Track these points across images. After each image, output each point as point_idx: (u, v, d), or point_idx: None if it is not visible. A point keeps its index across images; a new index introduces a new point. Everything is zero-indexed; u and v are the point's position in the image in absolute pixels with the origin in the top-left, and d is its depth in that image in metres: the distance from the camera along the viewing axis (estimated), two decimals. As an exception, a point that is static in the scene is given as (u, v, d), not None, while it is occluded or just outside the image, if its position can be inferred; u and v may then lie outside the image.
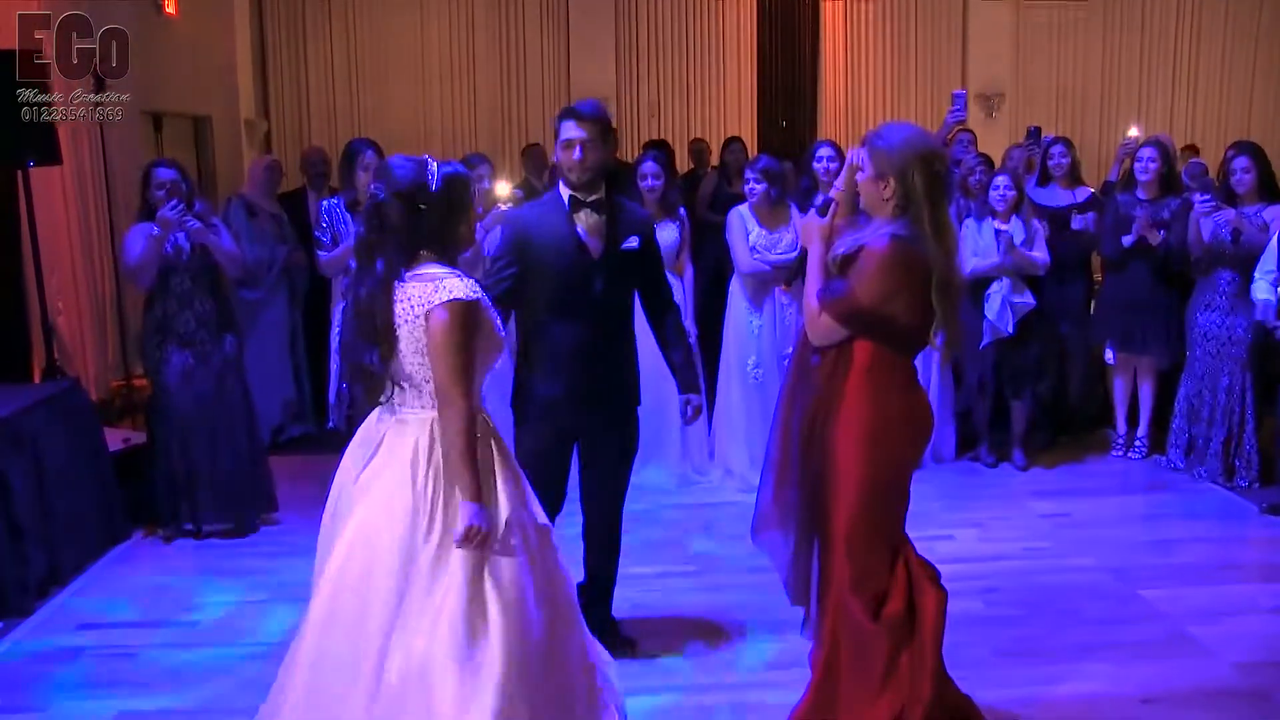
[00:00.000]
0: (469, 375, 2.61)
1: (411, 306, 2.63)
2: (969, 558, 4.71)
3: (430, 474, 2.65)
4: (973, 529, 5.08)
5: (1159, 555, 4.71)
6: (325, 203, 5.14)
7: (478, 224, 5.66)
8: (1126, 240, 5.77)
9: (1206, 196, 5.36)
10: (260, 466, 5.19)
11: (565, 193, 3.53)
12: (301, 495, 5.54)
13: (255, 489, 5.14)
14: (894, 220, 2.90)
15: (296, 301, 6.59)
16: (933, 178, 2.91)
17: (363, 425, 2.85)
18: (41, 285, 5.13)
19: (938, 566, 3.11)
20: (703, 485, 5.76)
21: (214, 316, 4.94)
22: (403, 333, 2.65)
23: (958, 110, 6.12)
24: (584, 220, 3.51)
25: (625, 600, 4.04)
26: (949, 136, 6.58)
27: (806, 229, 3.09)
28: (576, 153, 3.44)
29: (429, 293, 2.61)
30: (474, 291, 2.64)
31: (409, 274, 2.66)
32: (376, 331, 2.66)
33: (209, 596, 4.40)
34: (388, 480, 2.68)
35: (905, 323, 2.90)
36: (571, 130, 3.44)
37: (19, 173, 4.97)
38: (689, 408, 3.77)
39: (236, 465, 5.03)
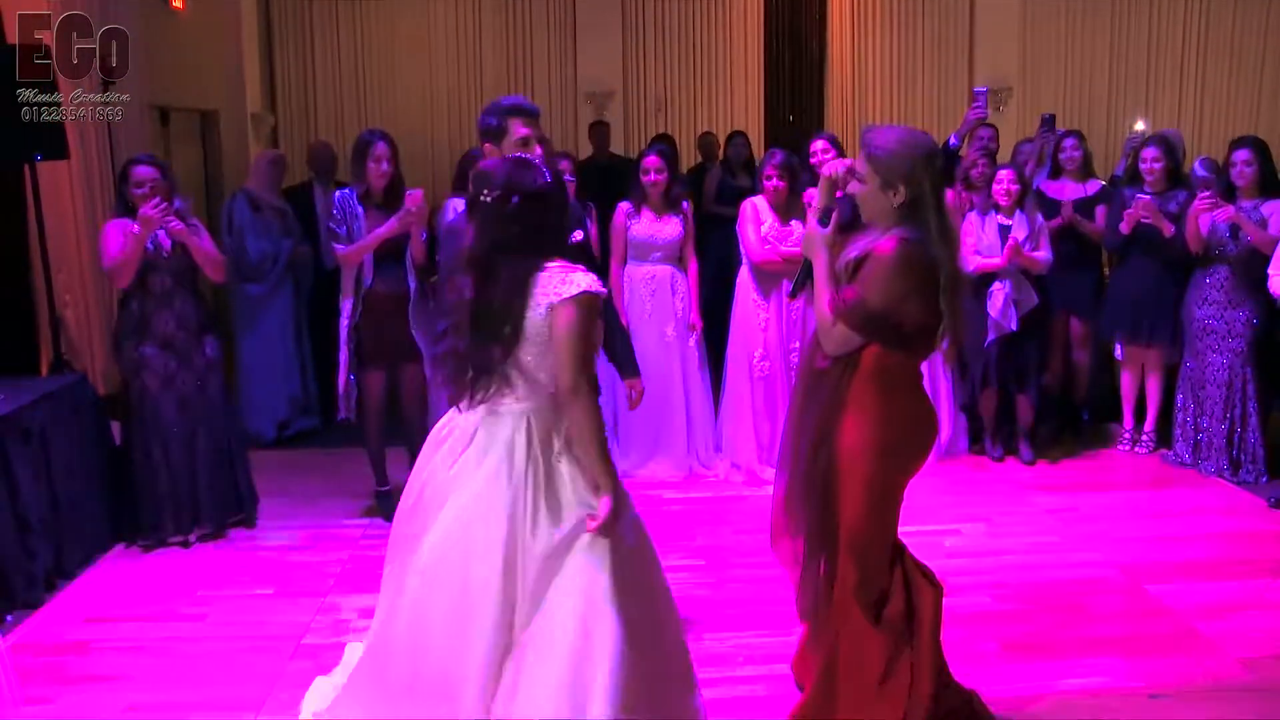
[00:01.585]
0: (592, 367, 2.71)
1: (537, 301, 2.67)
2: (976, 553, 4.72)
3: (530, 469, 2.69)
4: (979, 524, 5.08)
5: (1166, 550, 4.70)
6: (338, 194, 5.12)
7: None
8: (1123, 228, 5.76)
9: (1205, 193, 5.36)
10: (241, 470, 5.10)
11: None
12: (307, 490, 5.57)
13: (235, 494, 5.07)
14: (898, 224, 2.89)
15: (301, 296, 6.60)
16: (937, 176, 2.90)
17: (445, 418, 2.89)
18: (49, 279, 5.13)
19: (933, 564, 3.12)
20: (709, 478, 5.77)
21: (194, 317, 4.84)
22: (532, 326, 2.69)
23: (979, 107, 6.09)
24: None
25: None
26: (968, 134, 6.55)
27: (809, 240, 3.05)
28: (536, 151, 3.41)
29: (556, 285, 2.66)
30: (597, 285, 2.69)
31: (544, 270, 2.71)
32: (505, 331, 2.68)
33: (216, 590, 4.41)
34: (484, 474, 2.70)
35: (917, 324, 2.88)
36: (523, 128, 3.41)
37: (27, 167, 4.97)
38: (632, 393, 3.77)
39: (218, 469, 4.95)
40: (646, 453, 5.76)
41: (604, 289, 2.72)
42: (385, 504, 5.05)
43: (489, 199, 2.72)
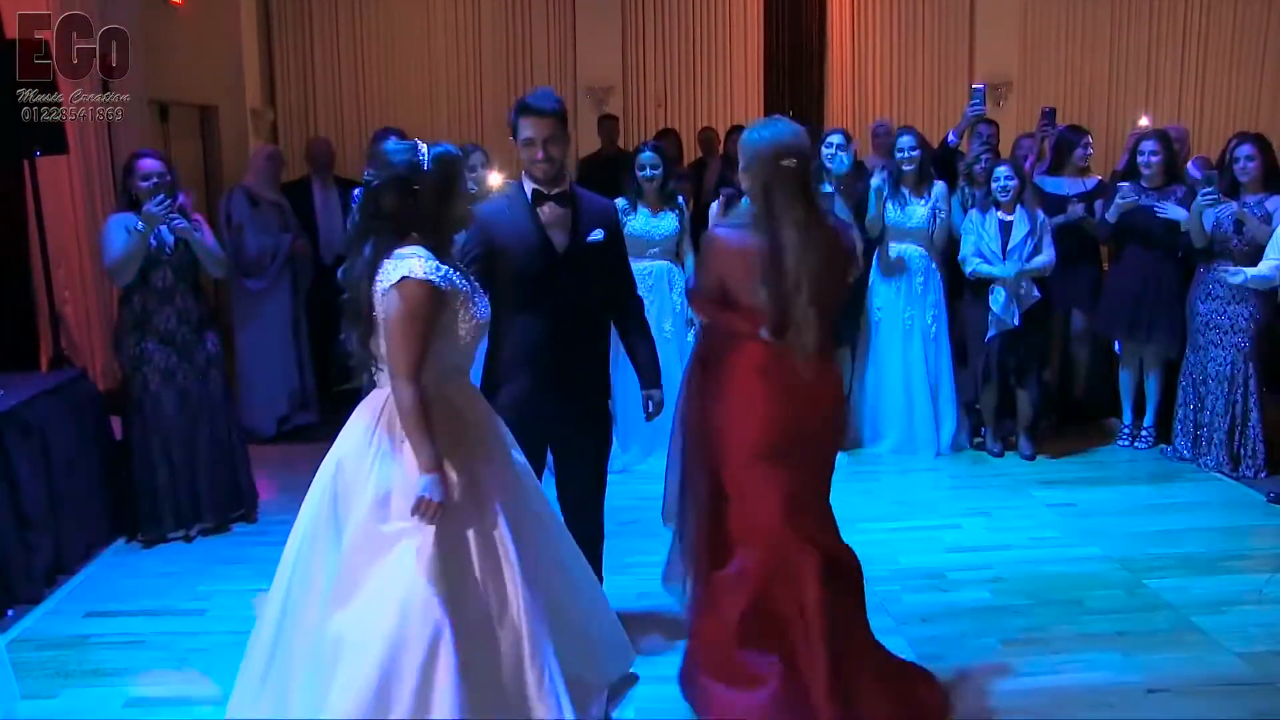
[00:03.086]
0: (415, 354, 2.67)
1: (379, 285, 2.71)
2: (975, 547, 4.72)
3: (375, 443, 2.79)
4: (979, 518, 5.08)
5: (1165, 545, 4.70)
6: (357, 191, 5.13)
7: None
8: (1109, 215, 5.78)
9: (1208, 190, 5.36)
10: (242, 465, 5.12)
11: (528, 186, 3.47)
12: (308, 485, 5.55)
13: (236, 488, 5.08)
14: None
15: (300, 291, 6.59)
16: (779, 173, 3.03)
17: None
18: (49, 275, 5.13)
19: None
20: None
21: (196, 313, 4.85)
22: (377, 311, 2.73)
23: (976, 104, 6.13)
24: (548, 214, 3.46)
25: (630, 590, 4.06)
26: (966, 131, 6.57)
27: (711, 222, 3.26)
28: (539, 152, 3.38)
29: (389, 270, 2.70)
30: (432, 273, 2.69)
31: (392, 254, 2.73)
32: (359, 314, 2.75)
33: (216, 584, 4.42)
34: (350, 445, 2.85)
35: (748, 304, 3.01)
36: (529, 129, 3.37)
37: (26, 162, 4.96)
38: (650, 403, 3.75)
39: (219, 465, 4.97)
40: (647, 447, 5.76)
41: (433, 278, 2.69)
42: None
43: (367, 179, 2.79)
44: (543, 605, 2.87)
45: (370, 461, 2.78)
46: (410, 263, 2.68)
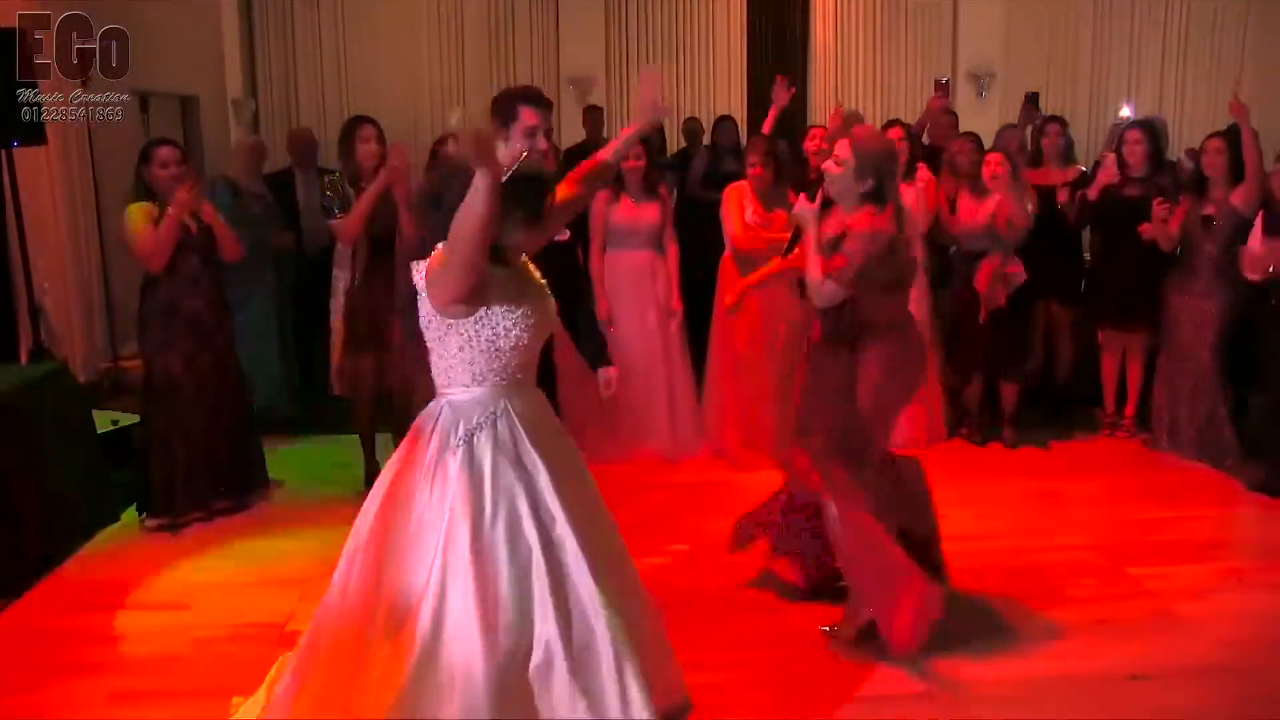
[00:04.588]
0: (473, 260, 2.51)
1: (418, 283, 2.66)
2: (958, 536, 4.70)
3: (430, 458, 2.68)
4: (962, 508, 5.08)
5: (1146, 533, 4.74)
6: (327, 176, 5.14)
7: None
8: (1090, 194, 5.85)
9: (1160, 201, 5.53)
10: (254, 444, 5.19)
11: None
12: (291, 475, 5.55)
13: (251, 467, 5.14)
14: (861, 205, 3.69)
15: (284, 282, 6.55)
16: (895, 172, 3.82)
17: None
18: (28, 266, 5.11)
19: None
20: (692, 463, 5.77)
21: (220, 297, 4.94)
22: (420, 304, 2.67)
23: (939, 96, 6.20)
24: None
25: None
26: (928, 121, 6.63)
27: (803, 213, 3.69)
28: (543, 142, 3.33)
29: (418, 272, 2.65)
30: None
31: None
32: (404, 287, 2.75)
33: (200, 578, 4.40)
34: (405, 462, 2.74)
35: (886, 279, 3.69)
36: (535, 118, 3.29)
37: (4, 153, 4.93)
38: (609, 385, 3.75)
39: (235, 445, 5.03)
40: (630, 438, 5.77)
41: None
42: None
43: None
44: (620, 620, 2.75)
45: (424, 484, 2.67)
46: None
